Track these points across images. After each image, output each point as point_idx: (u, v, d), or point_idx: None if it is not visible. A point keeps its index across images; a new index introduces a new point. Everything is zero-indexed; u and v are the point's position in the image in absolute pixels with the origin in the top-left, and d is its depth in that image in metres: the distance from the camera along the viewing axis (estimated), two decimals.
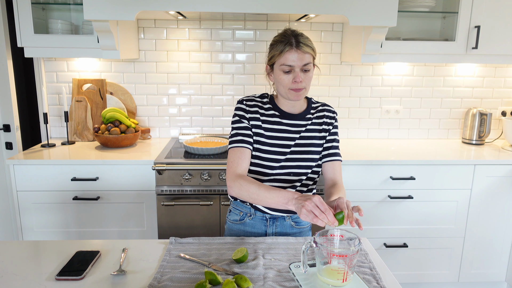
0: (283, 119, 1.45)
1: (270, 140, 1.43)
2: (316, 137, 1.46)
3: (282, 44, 1.33)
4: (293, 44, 1.32)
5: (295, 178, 1.44)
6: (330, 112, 1.50)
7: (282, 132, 1.44)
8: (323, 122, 1.47)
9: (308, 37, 1.37)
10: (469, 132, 2.68)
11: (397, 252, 2.38)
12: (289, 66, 1.33)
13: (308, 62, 1.34)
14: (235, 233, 1.52)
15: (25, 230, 2.21)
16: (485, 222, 2.37)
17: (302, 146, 1.44)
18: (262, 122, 1.44)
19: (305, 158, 1.43)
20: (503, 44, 2.35)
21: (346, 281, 1.06)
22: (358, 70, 2.68)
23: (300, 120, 1.45)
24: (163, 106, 2.69)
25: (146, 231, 2.25)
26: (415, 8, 2.36)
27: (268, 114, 1.45)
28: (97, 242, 1.36)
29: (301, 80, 1.34)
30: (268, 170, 1.42)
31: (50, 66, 2.58)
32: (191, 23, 2.57)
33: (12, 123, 2.55)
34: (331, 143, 1.48)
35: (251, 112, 1.44)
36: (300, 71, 1.34)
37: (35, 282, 1.10)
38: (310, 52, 1.33)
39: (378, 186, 2.27)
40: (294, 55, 1.32)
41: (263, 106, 1.46)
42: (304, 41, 1.33)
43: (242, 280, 1.08)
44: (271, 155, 1.42)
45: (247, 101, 1.46)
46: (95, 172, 2.16)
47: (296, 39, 1.32)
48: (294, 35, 1.34)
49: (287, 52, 1.32)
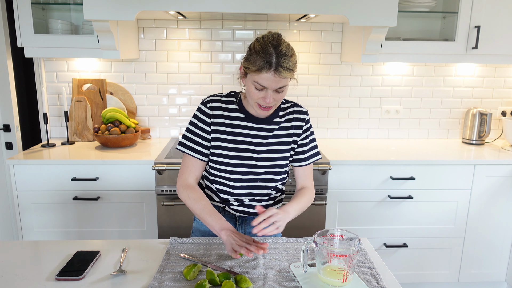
0: (249, 123, 1.37)
1: (234, 145, 1.36)
2: (284, 142, 1.40)
3: (261, 61, 1.20)
4: (272, 66, 1.19)
5: (263, 185, 1.39)
6: (300, 114, 1.42)
7: (247, 136, 1.37)
8: (292, 126, 1.40)
9: (292, 54, 1.23)
10: (469, 132, 2.68)
11: (397, 252, 2.38)
12: (262, 86, 1.23)
13: (284, 85, 1.25)
14: (203, 232, 1.49)
15: (25, 230, 2.21)
16: (485, 222, 2.37)
17: (269, 152, 1.38)
18: (226, 126, 1.37)
19: (273, 165, 1.38)
20: (503, 44, 2.35)
21: (346, 281, 1.06)
22: (358, 70, 2.68)
23: (267, 124, 1.38)
24: (163, 106, 2.69)
25: (146, 231, 2.25)
26: (415, 8, 2.36)
27: (233, 116, 1.37)
28: (97, 242, 1.36)
29: (271, 101, 1.26)
30: (234, 176, 1.37)
31: (50, 66, 2.58)
32: (191, 23, 2.57)
33: (12, 123, 2.55)
34: (303, 147, 1.42)
35: (214, 116, 1.37)
36: (273, 92, 1.25)
37: (35, 282, 1.10)
38: (289, 76, 1.23)
39: (378, 186, 2.27)
40: (271, 78, 1.21)
41: (228, 107, 1.38)
42: (285, 64, 1.20)
43: (242, 280, 1.08)
44: (235, 160, 1.37)
45: (211, 103, 1.38)
46: (95, 172, 2.16)
47: (277, 61, 1.19)
48: (276, 53, 1.20)
49: (264, 72, 1.20)
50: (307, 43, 2.62)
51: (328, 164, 2.16)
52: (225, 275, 1.09)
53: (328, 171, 2.19)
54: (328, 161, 2.17)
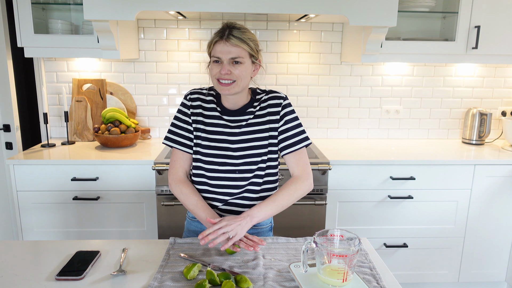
0: (224, 115, 1.39)
1: (210, 137, 1.38)
2: (259, 130, 1.39)
3: (216, 36, 1.31)
4: (224, 36, 1.28)
5: (240, 176, 1.38)
6: (275, 99, 1.40)
7: (221, 127, 1.39)
8: (267, 113, 1.39)
9: (247, 30, 1.31)
10: (469, 132, 2.68)
11: (397, 252, 2.38)
12: (217, 57, 1.30)
13: (237, 56, 1.28)
14: (193, 231, 1.49)
15: (25, 230, 2.21)
16: (485, 222, 2.37)
17: (244, 142, 1.38)
18: (204, 117, 1.40)
19: (249, 154, 1.38)
20: (503, 44, 2.35)
21: (346, 281, 1.06)
22: (358, 70, 2.68)
23: (240, 116, 1.39)
24: (163, 106, 2.69)
25: (146, 231, 2.25)
26: (415, 8, 2.36)
27: (209, 110, 1.41)
28: (97, 242, 1.36)
29: (227, 72, 1.29)
30: (211, 166, 1.38)
31: (50, 66, 2.58)
32: (191, 23, 2.57)
33: (12, 123, 2.55)
34: (286, 133, 1.39)
35: (193, 107, 1.41)
36: (229, 64, 1.29)
37: (35, 282, 1.10)
38: (241, 45, 1.28)
39: (378, 186, 2.27)
40: (223, 47, 1.28)
41: (206, 99, 1.42)
42: (236, 34, 1.28)
43: (242, 280, 1.08)
44: (211, 150, 1.38)
45: (191, 95, 1.43)
46: (95, 172, 2.16)
47: (229, 31, 1.28)
48: (229, 27, 1.30)
49: (216, 43, 1.30)
50: (307, 43, 2.62)
51: (328, 164, 2.16)
52: (225, 275, 1.09)
53: (328, 171, 2.19)
54: (328, 161, 2.17)
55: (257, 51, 1.34)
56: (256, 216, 1.28)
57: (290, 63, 2.65)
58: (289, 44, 2.62)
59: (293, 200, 1.36)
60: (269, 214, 1.31)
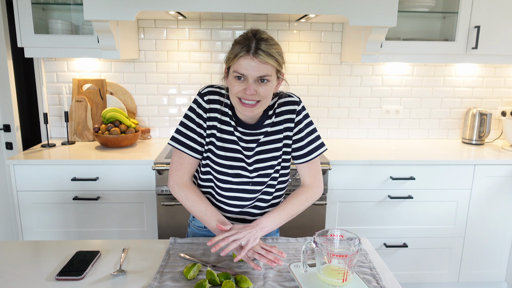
0: (238, 127, 1.27)
1: (224, 146, 1.27)
2: (275, 140, 1.30)
3: (240, 47, 1.13)
4: (251, 50, 1.12)
5: (253, 188, 1.31)
6: (290, 105, 1.29)
7: (237, 138, 1.27)
8: (283, 120, 1.30)
9: (275, 43, 1.16)
10: (469, 132, 2.68)
11: (397, 252, 2.38)
12: (241, 74, 1.14)
13: (265, 74, 1.14)
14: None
15: (25, 230, 2.21)
16: (485, 222, 2.37)
17: (259, 153, 1.29)
18: (221, 123, 1.27)
19: (264, 167, 1.30)
20: (503, 44, 2.35)
21: (346, 281, 1.06)
22: (358, 70, 2.68)
23: (256, 129, 1.28)
24: (163, 106, 2.69)
25: (146, 231, 2.25)
26: (415, 8, 2.36)
27: (225, 115, 1.27)
28: (97, 242, 1.36)
29: (252, 93, 1.15)
30: (223, 177, 1.30)
31: (50, 66, 2.58)
32: (191, 23, 2.57)
33: (12, 123, 2.55)
34: (300, 143, 1.31)
35: (211, 110, 1.27)
36: (255, 83, 1.15)
37: (35, 282, 1.10)
38: (271, 63, 1.13)
39: (378, 186, 2.27)
40: (249, 63, 1.12)
41: (222, 103, 1.27)
42: (266, 49, 1.12)
43: (242, 280, 1.08)
44: (225, 161, 1.28)
45: (209, 95, 1.27)
46: (95, 172, 2.16)
47: (256, 45, 1.12)
48: (256, 38, 1.13)
49: (242, 57, 1.12)
50: (307, 43, 2.62)
51: (328, 164, 2.16)
52: (225, 275, 1.09)
53: (328, 171, 2.20)
54: (328, 161, 2.17)
55: (283, 64, 1.21)
56: (265, 227, 1.23)
57: (290, 63, 2.65)
58: (289, 44, 2.62)
59: (303, 209, 1.33)
60: (278, 223, 1.27)
